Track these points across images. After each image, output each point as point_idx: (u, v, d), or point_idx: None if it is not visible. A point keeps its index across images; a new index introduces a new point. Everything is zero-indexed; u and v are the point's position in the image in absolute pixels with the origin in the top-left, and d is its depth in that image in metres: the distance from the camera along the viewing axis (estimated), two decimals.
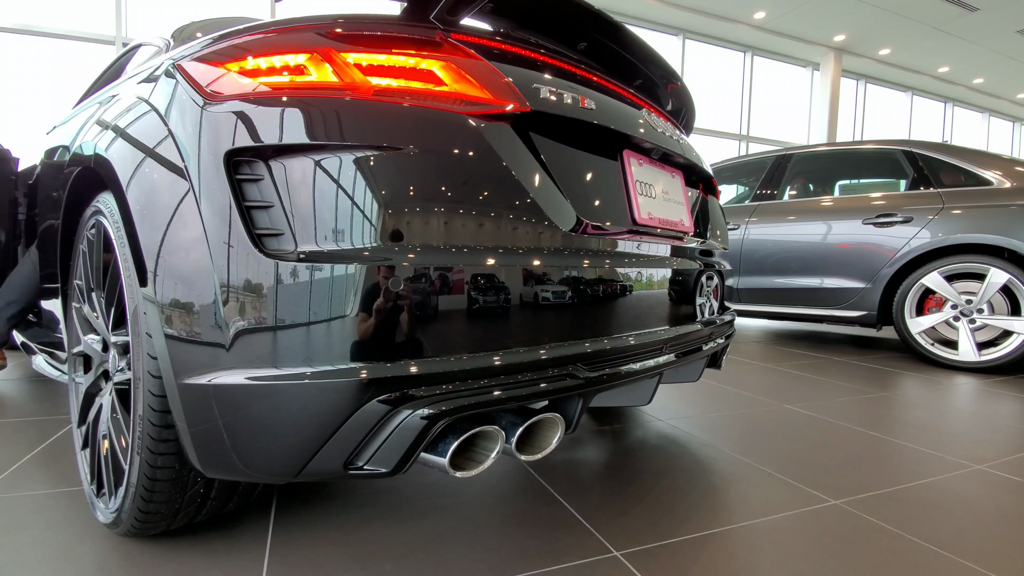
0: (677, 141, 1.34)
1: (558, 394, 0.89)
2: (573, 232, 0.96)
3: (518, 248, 0.87)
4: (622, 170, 1.15)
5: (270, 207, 0.78)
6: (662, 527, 1.15)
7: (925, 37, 10.19)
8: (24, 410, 1.95)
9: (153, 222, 0.84)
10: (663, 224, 1.23)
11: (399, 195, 0.79)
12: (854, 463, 1.56)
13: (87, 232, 1.16)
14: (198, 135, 0.82)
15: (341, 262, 0.75)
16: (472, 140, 0.85)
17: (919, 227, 3.14)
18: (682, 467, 1.48)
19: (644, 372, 1.07)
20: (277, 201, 0.78)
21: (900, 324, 3.23)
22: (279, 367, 0.75)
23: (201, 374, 0.78)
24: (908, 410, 2.16)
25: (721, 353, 1.58)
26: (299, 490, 1.28)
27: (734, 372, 2.81)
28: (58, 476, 1.35)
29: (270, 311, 0.75)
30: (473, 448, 0.89)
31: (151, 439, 0.86)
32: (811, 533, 1.14)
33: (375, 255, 0.76)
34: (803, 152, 3.98)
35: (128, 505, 0.93)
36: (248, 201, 0.78)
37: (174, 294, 0.80)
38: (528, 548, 1.05)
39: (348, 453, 0.77)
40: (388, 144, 0.79)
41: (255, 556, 1.01)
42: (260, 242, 0.77)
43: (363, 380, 0.74)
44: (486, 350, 0.82)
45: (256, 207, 0.78)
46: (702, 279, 1.38)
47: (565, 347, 0.91)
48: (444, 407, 0.77)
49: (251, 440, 0.78)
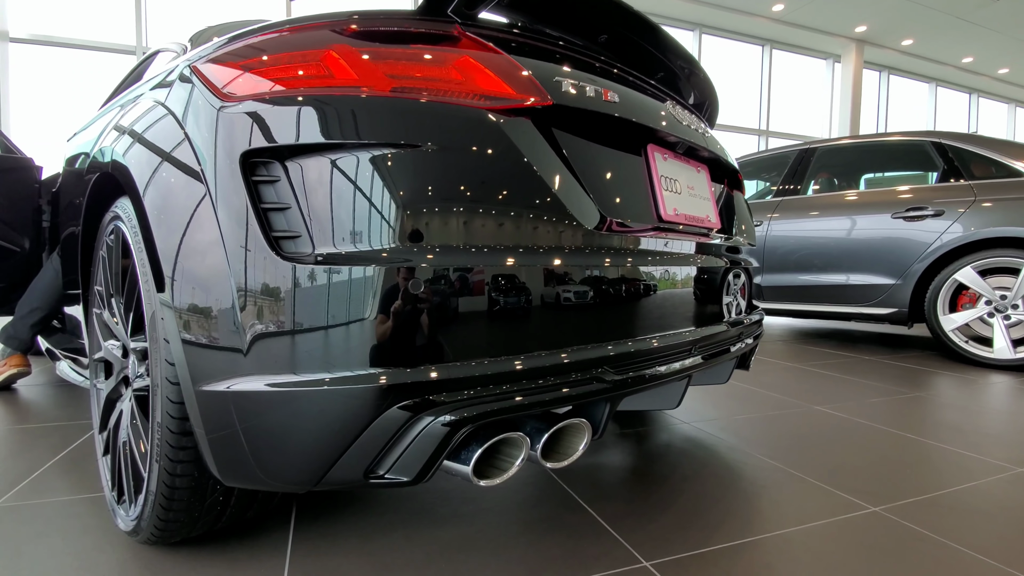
0: (702, 134, 1.29)
1: (584, 398, 0.85)
2: (597, 230, 0.92)
3: (541, 247, 0.84)
4: (646, 165, 1.11)
5: (287, 209, 0.76)
6: (693, 536, 1.10)
7: (949, 26, 9.92)
8: (48, 416, 1.96)
9: (169, 225, 0.82)
10: (689, 221, 1.19)
11: (418, 194, 0.76)
12: (891, 467, 1.49)
13: (106, 238, 1.16)
14: (214, 137, 0.80)
15: (359, 264, 0.72)
16: (492, 136, 0.82)
17: (951, 221, 3.03)
18: (710, 472, 1.43)
19: (672, 375, 1.03)
20: (294, 202, 0.75)
21: (932, 321, 3.12)
22: (297, 373, 0.73)
23: (219, 380, 0.76)
24: (944, 411, 2.07)
25: (750, 354, 1.52)
26: (319, 497, 1.26)
27: (759, 372, 2.74)
28: (79, 482, 1.35)
29: (287, 315, 0.73)
30: (497, 455, 0.86)
31: (170, 447, 0.84)
32: (850, 542, 1.09)
33: (394, 256, 0.73)
34: (827, 145, 3.87)
35: (148, 513, 0.92)
36: (264, 203, 0.76)
37: (191, 299, 0.78)
38: (553, 557, 1.02)
39: (368, 462, 0.75)
40: (406, 142, 0.77)
41: (275, 564, 0.99)
42: (277, 245, 0.74)
43: (382, 386, 0.71)
44: (509, 354, 0.79)
45: (273, 209, 0.76)
46: (729, 277, 1.33)
47: (591, 350, 0.88)
48: (467, 413, 0.74)
49: (270, 448, 0.76)
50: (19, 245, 2.52)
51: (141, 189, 0.90)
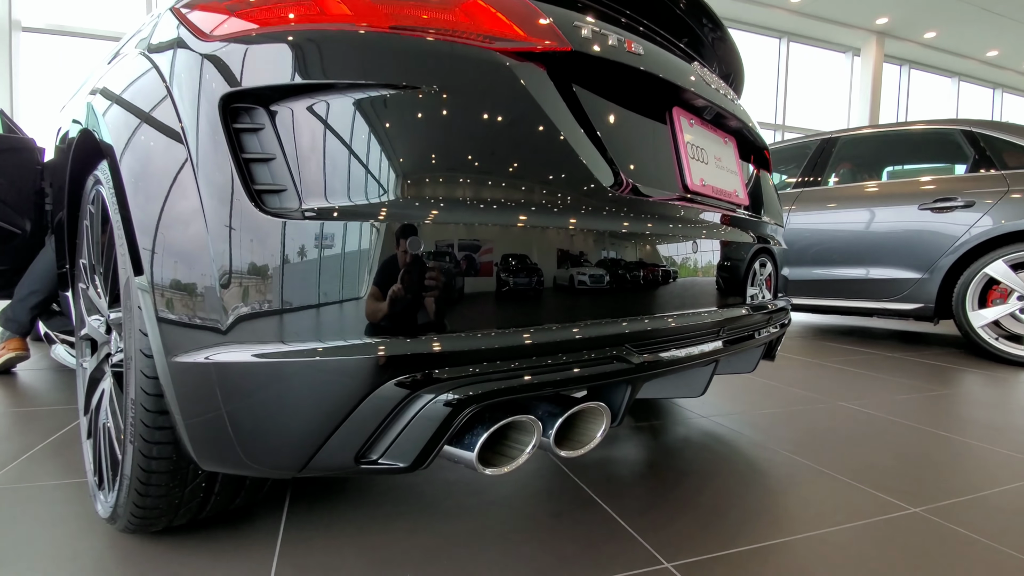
0: (731, 100, 1.19)
1: (604, 380, 0.76)
2: (618, 193, 0.83)
3: (559, 208, 0.75)
4: (671, 130, 1.01)
5: (271, 160, 0.67)
6: (717, 536, 1.01)
7: (973, 19, 9.66)
8: (44, 399, 1.91)
9: (141, 174, 0.74)
10: (717, 194, 1.09)
11: (420, 143, 0.67)
12: (928, 466, 1.39)
13: (89, 206, 1.09)
14: (191, 79, 0.72)
15: (353, 220, 0.64)
16: (505, 83, 0.73)
17: (982, 212, 2.90)
18: (733, 468, 1.34)
19: (698, 358, 0.94)
20: (279, 153, 0.67)
21: (960, 317, 2.99)
22: (278, 342, 0.64)
23: (194, 351, 0.68)
24: (978, 409, 1.96)
25: (776, 342, 1.42)
26: (315, 486, 1.19)
27: (778, 367, 2.63)
28: (67, 467, 1.29)
29: (271, 278, 0.64)
30: (504, 442, 0.77)
31: (145, 426, 0.76)
32: (892, 545, 0.99)
33: (393, 212, 0.65)
34: (850, 135, 3.73)
35: (124, 498, 0.84)
36: (247, 153, 0.68)
37: (163, 259, 0.70)
38: (566, 556, 0.93)
39: (360, 444, 0.66)
40: (408, 83, 0.68)
41: (263, 557, 0.91)
42: (260, 199, 0.66)
43: (375, 359, 0.62)
44: (520, 326, 0.70)
45: (255, 160, 0.67)
46: (759, 259, 1.23)
47: (612, 325, 0.79)
48: (471, 392, 0.65)
49: (250, 427, 0.68)
50: (20, 227, 2.47)
51: (113, 141, 0.82)
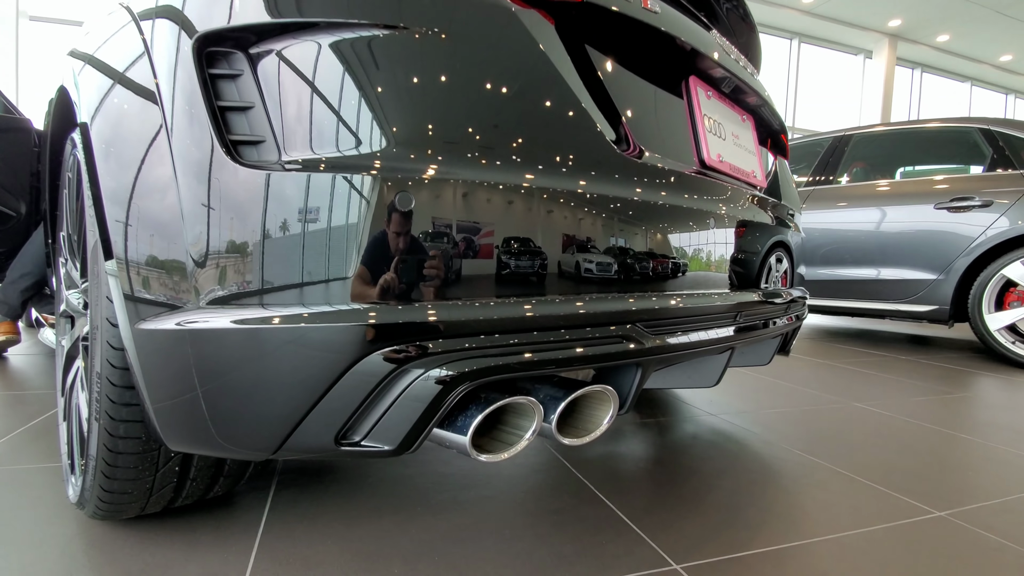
0: (751, 74, 1.12)
1: (612, 360, 0.69)
2: (633, 159, 0.76)
3: (568, 170, 0.68)
4: (687, 100, 0.94)
5: (249, 108, 0.61)
6: (730, 537, 0.94)
7: (988, 22, 9.53)
8: (32, 384, 1.86)
9: (108, 121, 0.68)
10: (735, 172, 1.02)
11: (415, 90, 0.61)
12: (951, 469, 1.31)
13: (68, 173, 1.03)
14: (162, 21, 0.66)
15: (340, 172, 0.57)
16: (511, 29, 0.67)
17: (999, 212, 2.81)
18: (744, 467, 1.27)
19: (713, 344, 0.87)
20: (258, 100, 0.61)
21: (976, 320, 2.90)
22: (258, 307, 0.58)
23: (163, 317, 0.61)
24: (998, 412, 1.87)
25: (792, 335, 1.35)
26: (301, 476, 1.12)
27: (789, 368, 2.55)
28: (47, 451, 1.23)
29: (246, 238, 0.58)
30: (501, 427, 0.71)
31: (110, 402, 0.70)
32: (919, 550, 0.92)
33: (386, 164, 0.58)
34: (864, 133, 3.64)
35: (90, 481, 0.78)
36: (223, 101, 0.61)
37: (131, 217, 0.64)
38: (566, 554, 0.87)
39: (341, 424, 0.60)
40: (402, 23, 0.61)
41: (242, 549, 0.85)
42: (236, 151, 0.60)
43: (364, 327, 0.56)
44: (522, 297, 0.64)
45: (231, 108, 0.61)
46: (776, 246, 1.16)
47: (622, 300, 0.72)
48: (465, 368, 0.59)
49: (223, 403, 0.61)
50: (15, 209, 2.42)
51: (74, 77, 0.76)
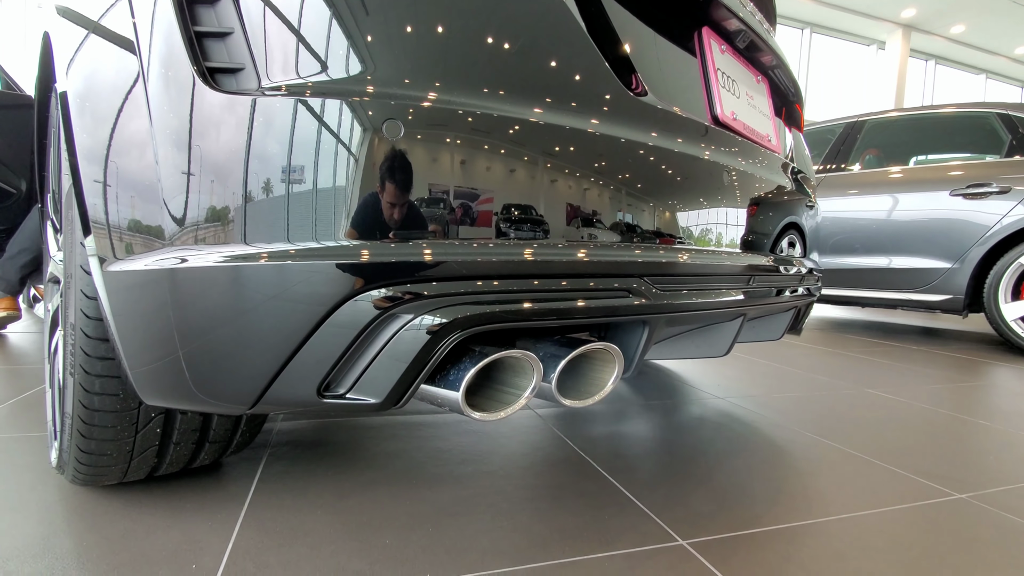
0: (766, 30, 1.06)
1: (618, 315, 0.64)
2: (643, 100, 0.71)
3: (576, 106, 0.63)
4: (700, 52, 0.89)
5: (228, 34, 0.56)
6: (738, 515, 0.90)
7: (1004, 12, 9.34)
8: (28, 359, 1.84)
9: (76, 48, 0.63)
10: (749, 133, 0.97)
11: (413, 9, 0.56)
12: (970, 453, 1.26)
13: (53, 129, 0.99)
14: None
15: (328, 98, 0.53)
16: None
17: (1017, 199, 2.73)
18: (753, 448, 1.22)
19: (724, 307, 0.82)
20: (237, 25, 0.56)
21: (992, 310, 2.83)
22: (239, 243, 0.54)
23: (132, 257, 0.57)
24: (1015, 399, 1.82)
25: (805, 311, 1.30)
26: (295, 447, 1.09)
27: (798, 355, 2.49)
28: (36, 420, 1.21)
29: (221, 167, 0.53)
30: (499, 387, 0.66)
31: (85, 355, 0.66)
32: (939, 530, 0.87)
33: (380, 90, 0.54)
34: (878, 118, 3.56)
35: (67, 442, 0.74)
36: (199, 26, 0.57)
37: (102, 151, 0.60)
38: (567, 528, 0.82)
39: (324, 374, 0.56)
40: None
41: (227, 518, 0.81)
42: (212, 78, 0.55)
43: (339, 265, 0.51)
44: (521, 239, 0.59)
45: (208, 34, 0.57)
46: (790, 214, 1.11)
47: (630, 251, 0.67)
48: (458, 315, 0.54)
49: (195, 349, 0.57)
50: (15, 187, 2.40)
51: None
